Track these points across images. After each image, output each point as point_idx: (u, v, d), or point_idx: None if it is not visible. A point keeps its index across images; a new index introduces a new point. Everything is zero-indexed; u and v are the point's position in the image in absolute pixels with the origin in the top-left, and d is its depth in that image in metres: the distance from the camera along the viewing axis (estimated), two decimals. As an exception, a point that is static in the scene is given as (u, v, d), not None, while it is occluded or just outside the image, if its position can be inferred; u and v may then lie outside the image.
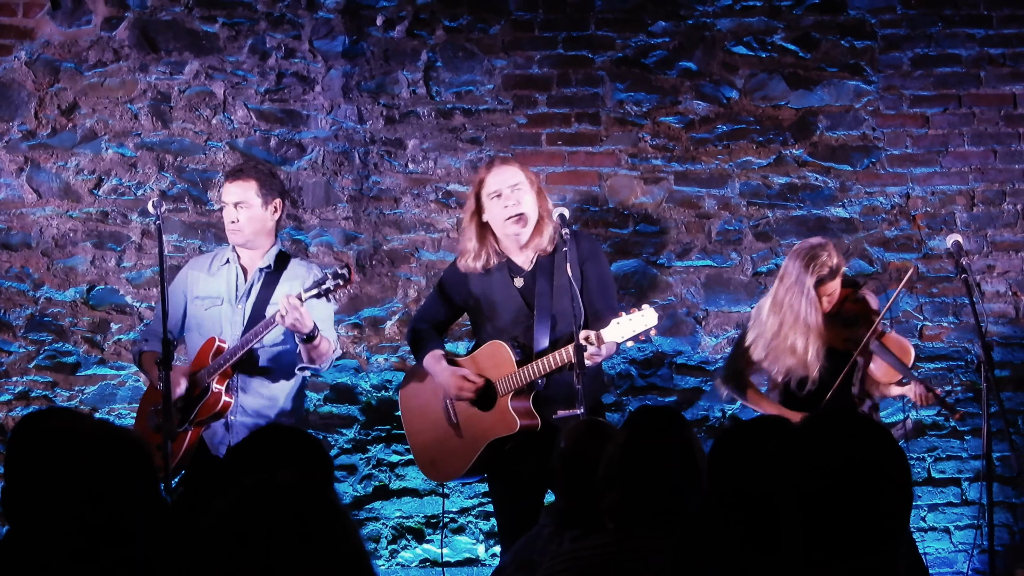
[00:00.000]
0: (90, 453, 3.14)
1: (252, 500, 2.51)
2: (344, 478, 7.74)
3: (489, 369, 6.36)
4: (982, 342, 6.35)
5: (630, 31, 7.95)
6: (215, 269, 6.77)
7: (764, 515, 3.34)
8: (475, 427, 6.38)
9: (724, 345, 7.85)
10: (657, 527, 3.80)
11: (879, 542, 2.97)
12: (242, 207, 6.62)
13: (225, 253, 6.81)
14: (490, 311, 6.47)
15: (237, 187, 6.65)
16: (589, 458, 4.31)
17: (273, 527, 2.47)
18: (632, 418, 4.19)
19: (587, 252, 6.43)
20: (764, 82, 7.97)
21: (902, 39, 7.99)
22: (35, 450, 3.14)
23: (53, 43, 7.77)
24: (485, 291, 6.48)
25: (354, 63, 7.87)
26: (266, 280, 6.67)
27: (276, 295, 6.57)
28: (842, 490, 2.97)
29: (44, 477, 3.12)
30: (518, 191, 6.36)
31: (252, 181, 6.65)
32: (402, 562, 7.73)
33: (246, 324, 6.58)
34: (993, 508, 6.36)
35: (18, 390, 7.69)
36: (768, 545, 3.30)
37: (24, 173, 7.72)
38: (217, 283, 6.72)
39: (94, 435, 3.18)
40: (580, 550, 3.97)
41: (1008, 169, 7.96)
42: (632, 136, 7.92)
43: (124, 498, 3.15)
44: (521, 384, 6.20)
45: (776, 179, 7.93)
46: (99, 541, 3.01)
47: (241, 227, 6.65)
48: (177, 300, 6.76)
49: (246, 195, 6.63)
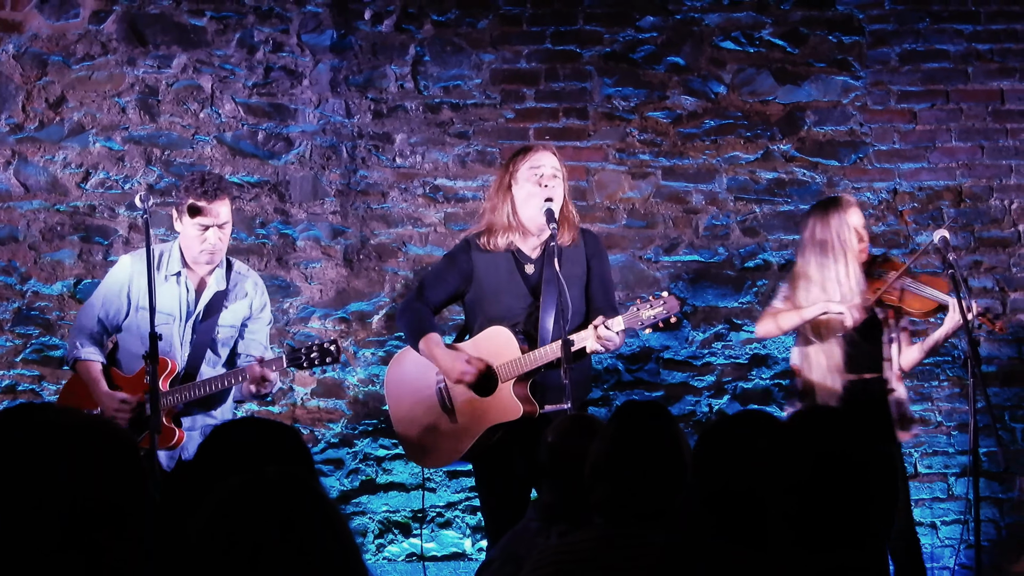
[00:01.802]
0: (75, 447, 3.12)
1: (241, 498, 2.50)
2: (331, 472, 7.74)
3: (490, 355, 6.34)
4: (969, 338, 6.36)
5: (618, 26, 7.95)
6: (163, 278, 6.34)
7: (750, 510, 3.35)
8: (472, 412, 6.36)
9: (711, 340, 7.87)
10: (645, 522, 3.79)
11: (866, 536, 2.98)
12: (225, 227, 6.32)
13: (173, 263, 6.39)
14: (493, 296, 6.43)
15: (220, 207, 6.26)
16: (576, 453, 4.30)
17: (263, 524, 2.46)
18: (619, 413, 4.18)
19: (594, 249, 6.49)
20: (752, 77, 7.97)
21: (890, 35, 8.00)
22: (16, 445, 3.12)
23: (41, 36, 7.76)
24: (490, 274, 6.45)
25: (342, 57, 7.86)
26: (215, 298, 6.41)
27: (225, 315, 6.40)
28: (828, 485, 2.98)
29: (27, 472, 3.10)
30: (556, 179, 6.36)
31: (226, 197, 6.31)
32: (389, 556, 7.73)
33: (194, 344, 6.35)
34: (980, 503, 6.37)
35: (5, 384, 7.68)
36: (754, 539, 3.30)
37: (11, 167, 7.70)
38: (167, 298, 6.32)
39: (79, 429, 3.16)
40: (567, 545, 3.96)
41: (995, 165, 7.98)
42: (620, 131, 7.92)
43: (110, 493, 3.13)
44: (525, 371, 6.22)
45: (764, 174, 7.94)
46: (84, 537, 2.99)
47: (221, 248, 6.34)
48: (119, 302, 6.42)
49: (227, 214, 6.31)
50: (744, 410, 6.04)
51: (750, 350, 7.89)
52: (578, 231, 6.46)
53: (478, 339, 6.43)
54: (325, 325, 7.78)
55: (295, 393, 7.77)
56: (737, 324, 7.88)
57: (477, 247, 6.48)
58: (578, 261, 6.39)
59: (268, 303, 6.62)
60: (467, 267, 6.50)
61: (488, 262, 6.45)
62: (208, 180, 6.32)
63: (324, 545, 2.50)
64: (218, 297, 6.41)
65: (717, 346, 7.89)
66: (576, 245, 6.41)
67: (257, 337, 6.49)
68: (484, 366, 6.32)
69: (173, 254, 6.41)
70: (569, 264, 6.33)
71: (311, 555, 2.47)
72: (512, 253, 6.41)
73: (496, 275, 6.43)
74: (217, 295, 6.41)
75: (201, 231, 6.27)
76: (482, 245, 6.46)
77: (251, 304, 6.49)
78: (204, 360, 6.39)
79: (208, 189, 6.24)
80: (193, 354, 6.36)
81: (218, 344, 6.43)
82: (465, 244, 6.56)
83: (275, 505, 2.49)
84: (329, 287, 7.77)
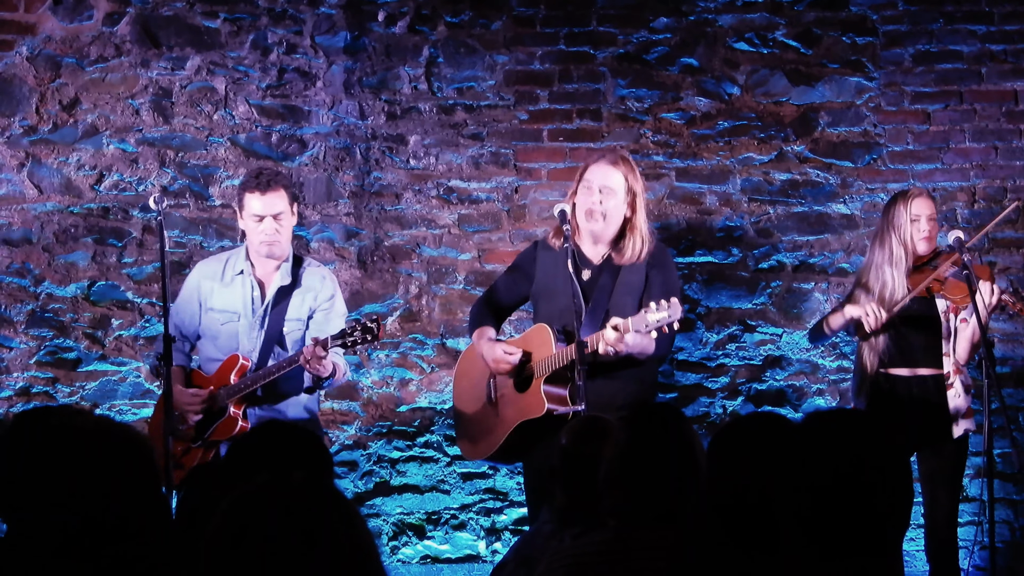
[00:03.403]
0: (90, 450, 3.12)
1: (257, 501, 2.50)
2: (345, 474, 7.74)
3: (531, 351, 6.39)
4: (983, 338, 6.35)
5: (632, 27, 7.95)
6: (228, 279, 6.53)
7: (763, 513, 3.34)
8: (509, 407, 6.41)
9: (725, 341, 7.86)
10: (658, 525, 3.80)
11: (879, 542, 2.97)
12: (282, 218, 6.38)
13: (238, 261, 6.55)
14: (549, 295, 6.48)
15: (274, 198, 6.35)
16: (590, 455, 4.31)
17: (280, 527, 2.46)
18: (633, 415, 4.19)
19: (656, 259, 6.48)
20: (765, 78, 7.96)
21: (903, 35, 7.99)
22: (33, 447, 3.12)
23: (55, 38, 7.77)
24: (548, 274, 6.51)
25: (356, 59, 7.87)
26: (280, 293, 6.48)
27: (291, 310, 6.47)
28: (841, 489, 2.96)
29: (42, 474, 3.10)
30: (607, 192, 6.38)
31: (282, 189, 6.40)
32: (403, 559, 7.74)
33: (264, 340, 6.44)
34: (994, 505, 6.38)
35: (19, 386, 7.69)
36: (766, 544, 3.30)
37: (25, 169, 7.72)
38: (232, 296, 6.49)
39: (94, 431, 3.16)
40: (580, 548, 3.96)
41: (1009, 166, 7.96)
42: (634, 132, 7.92)
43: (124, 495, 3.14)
44: (554, 368, 6.22)
45: (777, 175, 7.93)
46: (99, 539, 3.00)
47: (280, 239, 6.41)
48: (192, 308, 6.57)
49: (283, 205, 6.40)
50: (758, 412, 6.05)
51: (764, 351, 7.88)
52: (648, 246, 6.44)
53: (524, 336, 6.54)
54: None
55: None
56: (751, 325, 7.87)
57: (544, 246, 6.58)
58: (637, 270, 6.41)
59: (338, 294, 6.63)
60: (529, 267, 6.62)
61: (549, 261, 6.52)
62: (263, 173, 6.50)
63: (342, 547, 2.49)
64: (283, 292, 6.48)
65: (731, 347, 7.88)
66: (636, 258, 6.42)
67: (324, 328, 6.37)
68: (519, 356, 6.36)
69: (239, 255, 6.56)
70: (627, 272, 6.39)
71: (329, 557, 2.47)
72: (573, 256, 6.44)
73: (553, 275, 6.47)
74: (282, 290, 6.48)
75: (257, 222, 6.37)
76: (549, 243, 6.56)
77: (316, 296, 6.50)
78: (273, 355, 6.44)
79: (262, 181, 6.38)
80: (263, 351, 6.43)
81: (286, 340, 6.47)
82: (534, 245, 6.71)
83: (291, 507, 2.49)
84: (343, 289, 7.76)
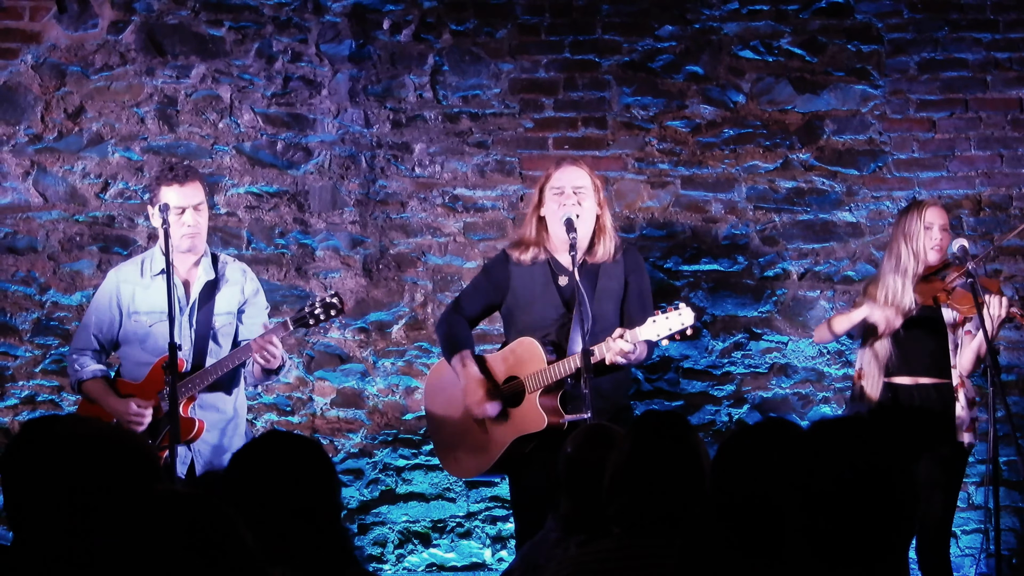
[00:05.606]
0: (95, 458, 3.12)
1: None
2: (350, 482, 7.74)
3: (518, 366, 6.39)
4: (989, 346, 6.35)
5: (636, 35, 7.95)
6: (148, 280, 6.41)
7: (768, 521, 3.34)
8: (500, 424, 6.40)
9: (731, 349, 7.85)
10: (663, 533, 3.79)
11: (884, 550, 2.97)
12: (200, 209, 6.32)
13: (156, 262, 6.41)
14: (526, 306, 6.48)
15: (192, 189, 6.27)
16: (595, 463, 4.31)
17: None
18: (638, 423, 4.19)
19: (633, 264, 6.52)
20: (771, 86, 7.96)
21: (908, 43, 7.98)
22: (38, 456, 3.13)
23: (59, 47, 7.78)
24: (525, 285, 6.50)
25: (360, 67, 7.87)
26: (206, 288, 6.41)
27: (219, 304, 6.41)
28: (847, 497, 2.96)
29: (48, 483, 3.11)
30: (580, 193, 6.39)
31: (198, 181, 6.35)
32: (409, 567, 7.73)
33: (196, 337, 6.35)
34: (999, 512, 6.37)
35: (24, 394, 7.69)
36: (772, 552, 3.29)
37: (30, 177, 7.72)
38: (156, 296, 6.30)
39: (100, 440, 3.17)
40: (586, 555, 3.96)
41: (1015, 173, 7.96)
42: (639, 140, 7.92)
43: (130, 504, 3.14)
44: (550, 382, 6.23)
45: (783, 183, 7.93)
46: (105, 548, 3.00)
47: (200, 231, 6.34)
48: (111, 315, 6.44)
49: (201, 196, 6.33)
50: (764, 419, 6.05)
51: (770, 359, 7.88)
52: (618, 246, 6.48)
53: (508, 350, 6.49)
54: (344, 335, 7.79)
55: (315, 403, 7.78)
56: (757, 333, 7.87)
57: (515, 258, 6.54)
58: (615, 275, 6.43)
59: (260, 289, 6.62)
60: (503, 278, 6.57)
61: (524, 273, 6.51)
62: (176, 166, 6.45)
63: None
64: (208, 287, 6.42)
65: (737, 355, 7.88)
66: (616, 260, 6.45)
67: (256, 321, 6.40)
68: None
69: (155, 255, 6.44)
70: (606, 278, 6.40)
71: None
72: (548, 264, 6.43)
73: (531, 286, 6.48)
74: (207, 285, 6.42)
75: (179, 215, 6.26)
76: (514, 258, 6.53)
77: (242, 288, 6.48)
78: (208, 353, 6.37)
79: (179, 173, 6.30)
80: (196, 348, 6.35)
81: (218, 335, 6.43)
82: (503, 255, 6.65)
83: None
84: (348, 297, 7.76)
